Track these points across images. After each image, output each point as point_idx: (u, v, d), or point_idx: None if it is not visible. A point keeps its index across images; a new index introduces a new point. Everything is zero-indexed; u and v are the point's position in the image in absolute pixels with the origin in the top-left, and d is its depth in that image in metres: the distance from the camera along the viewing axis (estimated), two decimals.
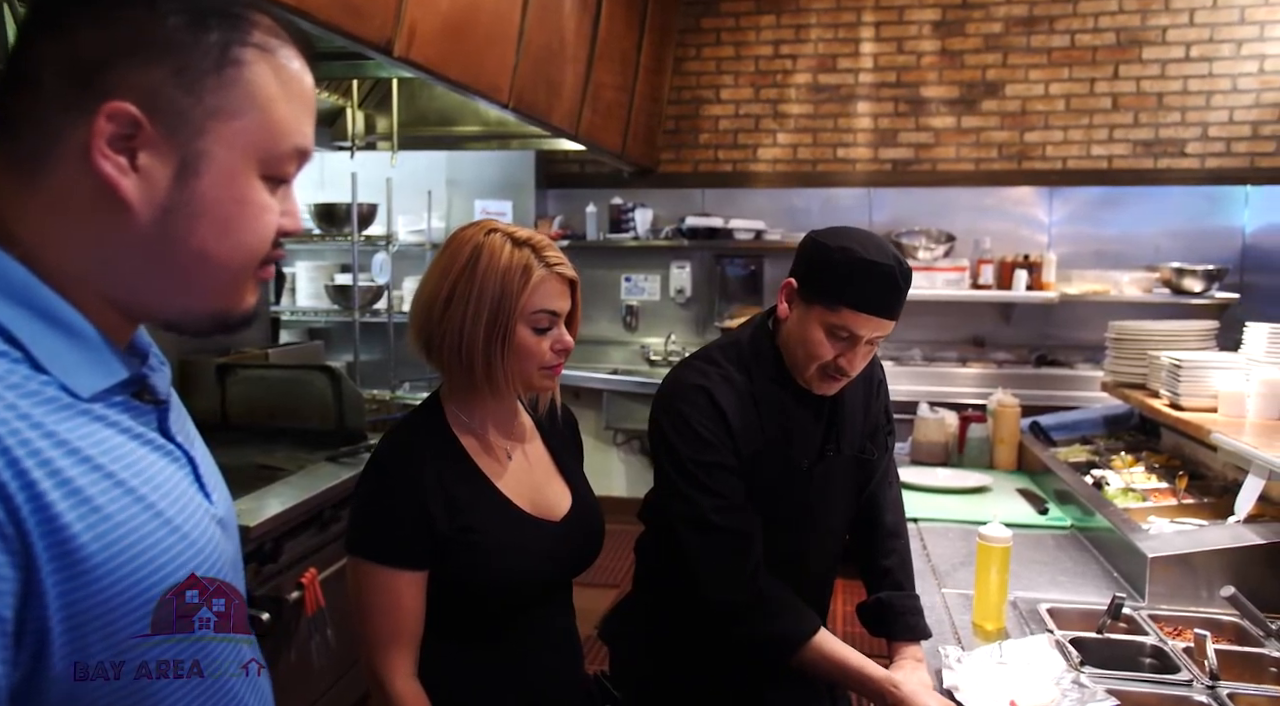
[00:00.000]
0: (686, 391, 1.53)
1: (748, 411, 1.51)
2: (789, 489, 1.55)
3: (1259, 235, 4.72)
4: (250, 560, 2.21)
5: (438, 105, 4.41)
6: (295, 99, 0.74)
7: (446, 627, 1.30)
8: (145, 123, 0.67)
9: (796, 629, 1.48)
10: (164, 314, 0.74)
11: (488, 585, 1.29)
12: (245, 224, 0.72)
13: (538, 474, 1.41)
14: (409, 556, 1.26)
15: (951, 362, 4.77)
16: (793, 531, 1.56)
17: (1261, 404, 2.29)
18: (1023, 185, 4.92)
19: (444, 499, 1.27)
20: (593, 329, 5.26)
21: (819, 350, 1.47)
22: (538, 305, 1.29)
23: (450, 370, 1.32)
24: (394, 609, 1.26)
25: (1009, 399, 3.03)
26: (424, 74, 2.42)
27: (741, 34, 5.14)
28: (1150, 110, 4.77)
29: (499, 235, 1.30)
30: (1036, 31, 4.84)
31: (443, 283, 1.30)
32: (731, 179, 5.18)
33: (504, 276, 1.27)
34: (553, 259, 1.31)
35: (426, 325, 1.31)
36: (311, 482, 2.52)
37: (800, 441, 1.55)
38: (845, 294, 1.44)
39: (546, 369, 1.33)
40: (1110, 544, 2.18)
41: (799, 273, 1.52)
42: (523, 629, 1.35)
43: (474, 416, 1.36)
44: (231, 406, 3.16)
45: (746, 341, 1.58)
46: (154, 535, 0.69)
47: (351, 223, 4.10)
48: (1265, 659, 1.64)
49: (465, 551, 1.28)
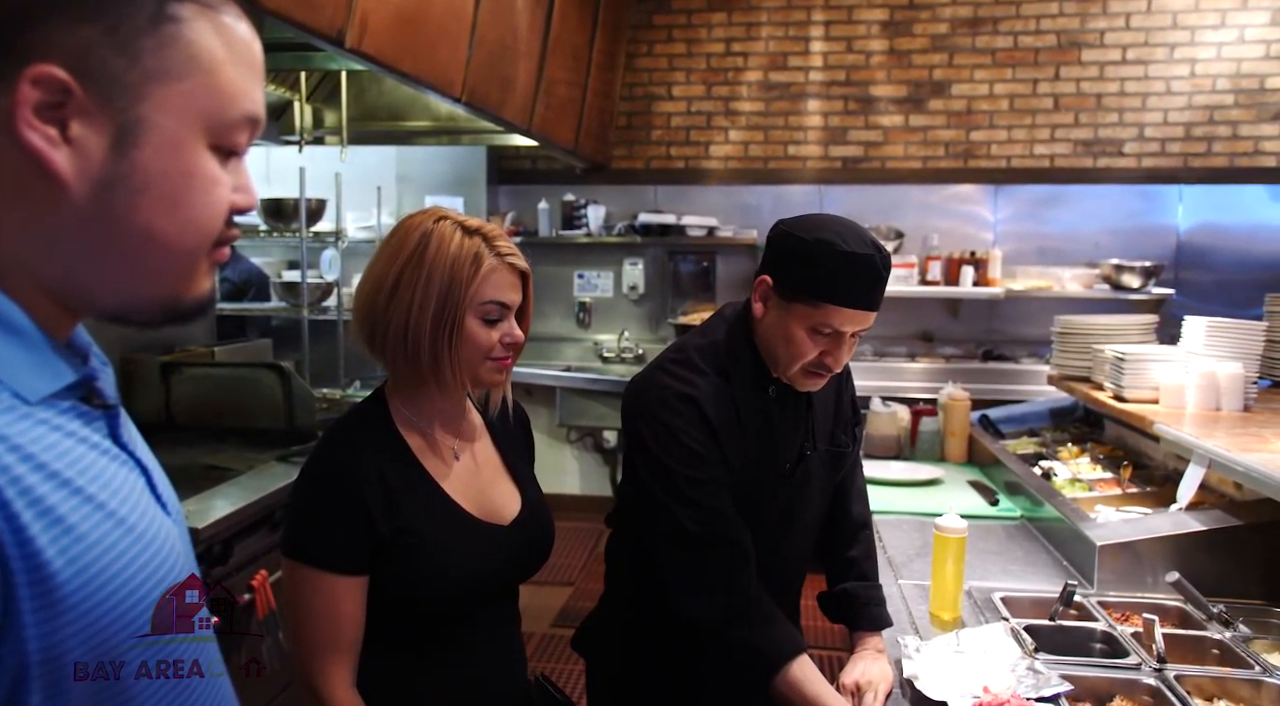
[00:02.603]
0: (672, 400, 1.43)
1: (730, 420, 1.45)
2: (772, 493, 1.52)
3: (1192, 233, 4.89)
4: (199, 562, 2.12)
5: (387, 100, 4.34)
6: (243, 63, 0.67)
7: (386, 635, 1.25)
8: (75, 88, 0.60)
9: (783, 646, 1.40)
10: (108, 303, 0.67)
11: (429, 591, 1.24)
12: (194, 198, 0.65)
13: (485, 475, 1.35)
14: (348, 560, 1.20)
15: (901, 358, 4.84)
16: (768, 533, 1.53)
17: (1200, 395, 2.37)
18: (969, 183, 5.02)
19: (385, 499, 1.21)
20: (546, 326, 5.23)
21: (802, 349, 1.40)
22: (487, 295, 1.24)
23: (395, 362, 1.26)
24: (332, 616, 1.20)
25: (959, 392, 3.09)
26: (376, 66, 2.38)
27: (693, 31, 5.15)
28: (1090, 111, 4.90)
29: (449, 223, 1.25)
30: (981, 32, 4.94)
31: (388, 270, 1.24)
32: (684, 176, 5.20)
33: (453, 265, 1.22)
34: (504, 249, 1.26)
35: (371, 314, 1.26)
36: (261, 483, 2.46)
37: (783, 445, 1.52)
38: (828, 291, 1.37)
39: (495, 362, 1.27)
40: (1060, 533, 2.23)
41: (774, 269, 1.43)
42: (465, 636, 1.30)
43: (420, 413, 1.30)
44: (176, 406, 3.07)
45: (723, 342, 1.50)
46: (129, 553, 0.63)
47: (300, 218, 4.02)
48: (1207, 641, 1.69)
49: (406, 555, 1.22)
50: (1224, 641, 1.67)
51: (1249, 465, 1.78)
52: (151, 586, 0.65)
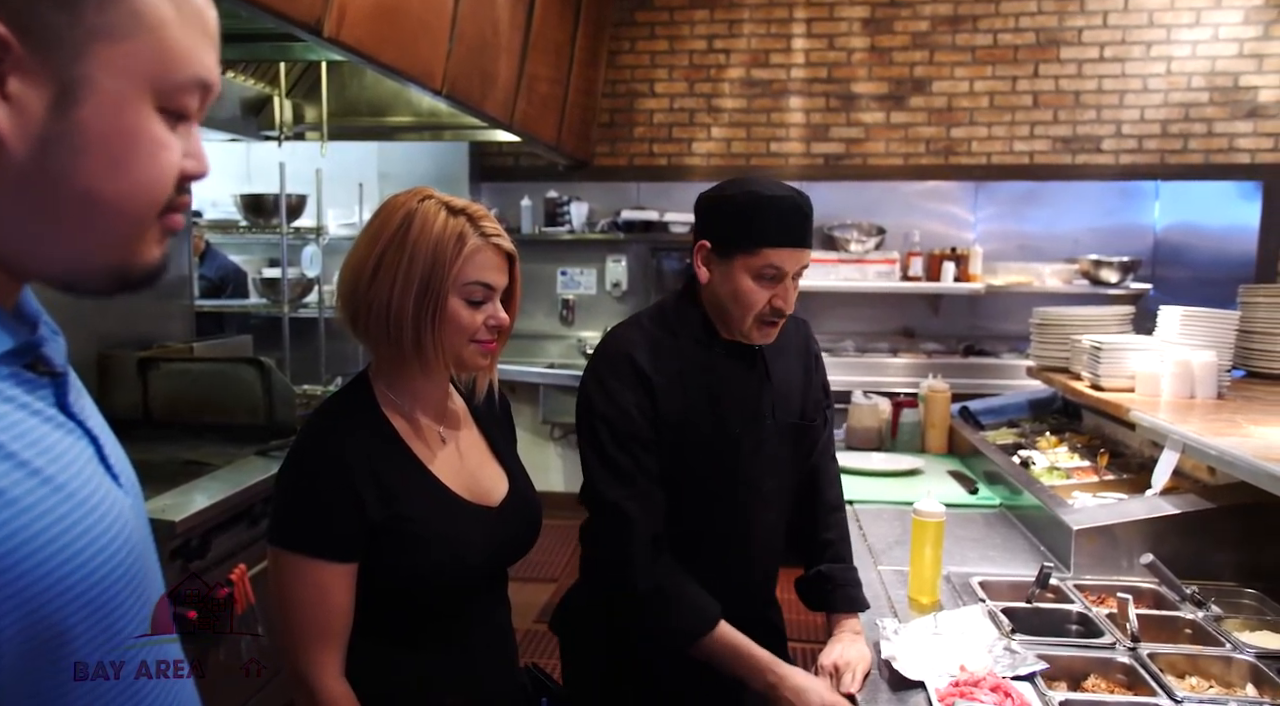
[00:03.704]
0: (610, 357, 1.53)
1: (673, 373, 1.51)
2: (719, 456, 1.53)
3: (1169, 230, 4.94)
4: (176, 556, 2.14)
5: (369, 95, 4.32)
6: (192, 25, 0.66)
7: (377, 623, 1.23)
8: (14, 43, 0.59)
9: (695, 623, 1.46)
10: (54, 269, 0.65)
11: (423, 576, 1.23)
12: (138, 161, 0.63)
13: (472, 458, 1.35)
14: (339, 547, 1.19)
15: (883, 353, 4.87)
16: (730, 505, 1.55)
17: (1175, 383, 2.40)
18: (950, 180, 5.05)
19: (376, 484, 1.20)
20: (529, 323, 5.23)
21: (752, 298, 1.47)
22: (471, 276, 1.23)
23: (378, 344, 1.25)
24: (322, 604, 1.18)
25: (940, 384, 3.11)
26: (355, 57, 2.37)
27: (675, 28, 5.16)
28: (1068, 108, 4.94)
29: (433, 202, 1.25)
30: (961, 30, 4.98)
31: (371, 250, 1.23)
32: (666, 172, 5.20)
33: (436, 245, 1.21)
34: (489, 229, 1.25)
35: (354, 295, 1.24)
36: (240, 477, 2.45)
37: (731, 405, 1.54)
38: (761, 233, 1.45)
39: (479, 344, 1.26)
40: (1037, 520, 2.25)
41: (709, 232, 1.51)
42: (458, 623, 1.29)
43: (404, 396, 1.29)
44: (155, 402, 3.05)
45: (671, 304, 1.59)
46: (69, 520, 0.61)
47: (280, 214, 4.01)
48: (1180, 621, 1.71)
49: (399, 540, 1.20)
50: (1196, 621, 1.69)
51: (1222, 449, 1.80)
52: (95, 554, 0.63)
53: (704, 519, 1.54)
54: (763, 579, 1.61)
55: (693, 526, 1.53)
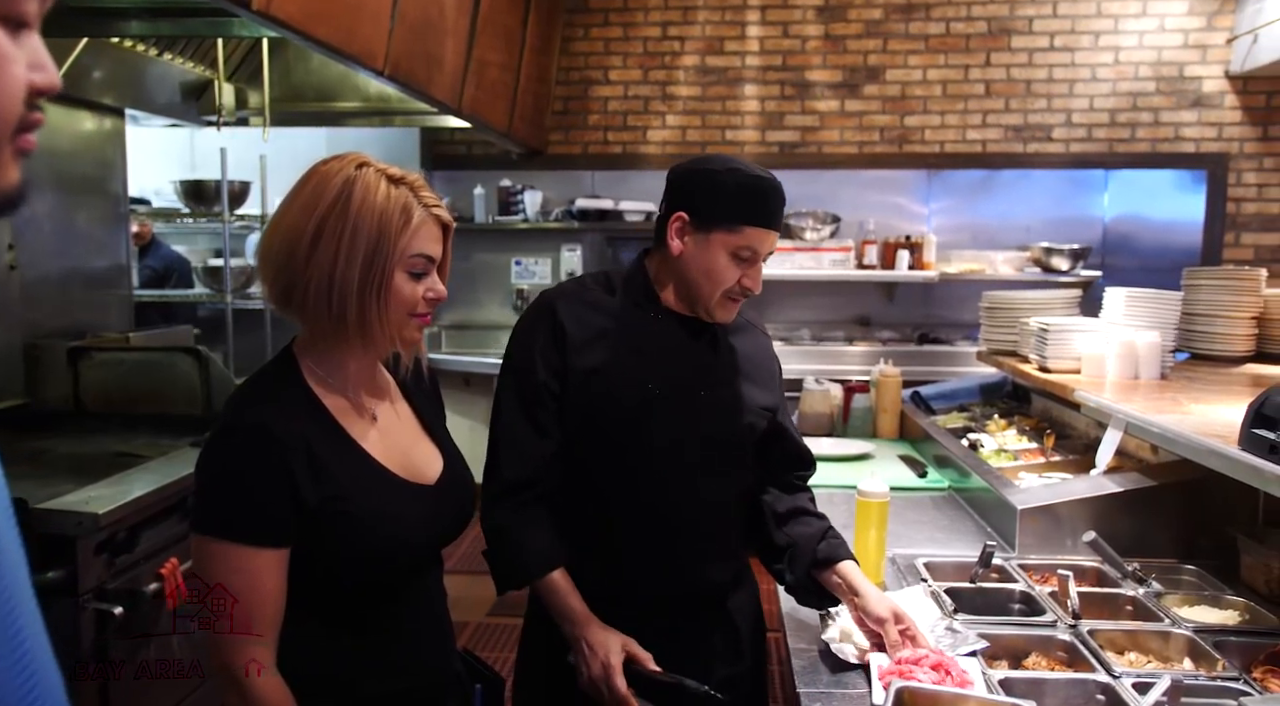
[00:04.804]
0: (535, 303, 1.57)
1: (595, 328, 1.51)
2: (632, 411, 1.49)
3: (1118, 218, 5.01)
4: (102, 551, 2.05)
5: (315, 79, 4.22)
6: None
7: (313, 610, 1.18)
8: None
9: (521, 566, 1.49)
10: None
11: (361, 559, 1.18)
12: None
13: (405, 435, 1.30)
14: (271, 532, 1.13)
15: (839, 342, 4.88)
16: (645, 466, 1.50)
17: (1120, 364, 2.41)
18: (904, 168, 5.06)
19: (310, 465, 1.14)
20: (482, 313, 5.16)
21: (725, 275, 1.46)
22: (416, 249, 1.18)
23: (316, 318, 1.18)
24: (252, 593, 1.12)
25: (891, 370, 3.11)
26: (288, 32, 2.29)
27: (629, 15, 5.11)
28: (1020, 97, 4.98)
29: (372, 171, 1.19)
30: (914, 19, 4.99)
31: (306, 219, 1.16)
32: (621, 161, 5.16)
33: (381, 216, 1.16)
34: (430, 200, 1.21)
35: (288, 267, 1.17)
36: (173, 468, 2.36)
37: (655, 368, 1.50)
38: (747, 213, 1.45)
39: (418, 317, 1.22)
40: (984, 501, 2.25)
41: (687, 203, 1.48)
42: (393, 607, 1.25)
43: (334, 372, 1.23)
44: (86, 393, 2.95)
45: (621, 270, 1.60)
46: None
47: (222, 201, 3.90)
48: (1121, 598, 1.71)
49: (336, 522, 1.16)
50: (1137, 597, 1.69)
51: (1163, 426, 1.80)
52: None
53: (621, 483, 1.50)
54: (692, 558, 1.53)
55: (610, 491, 1.51)
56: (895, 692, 1.27)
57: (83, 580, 2.00)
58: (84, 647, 2.01)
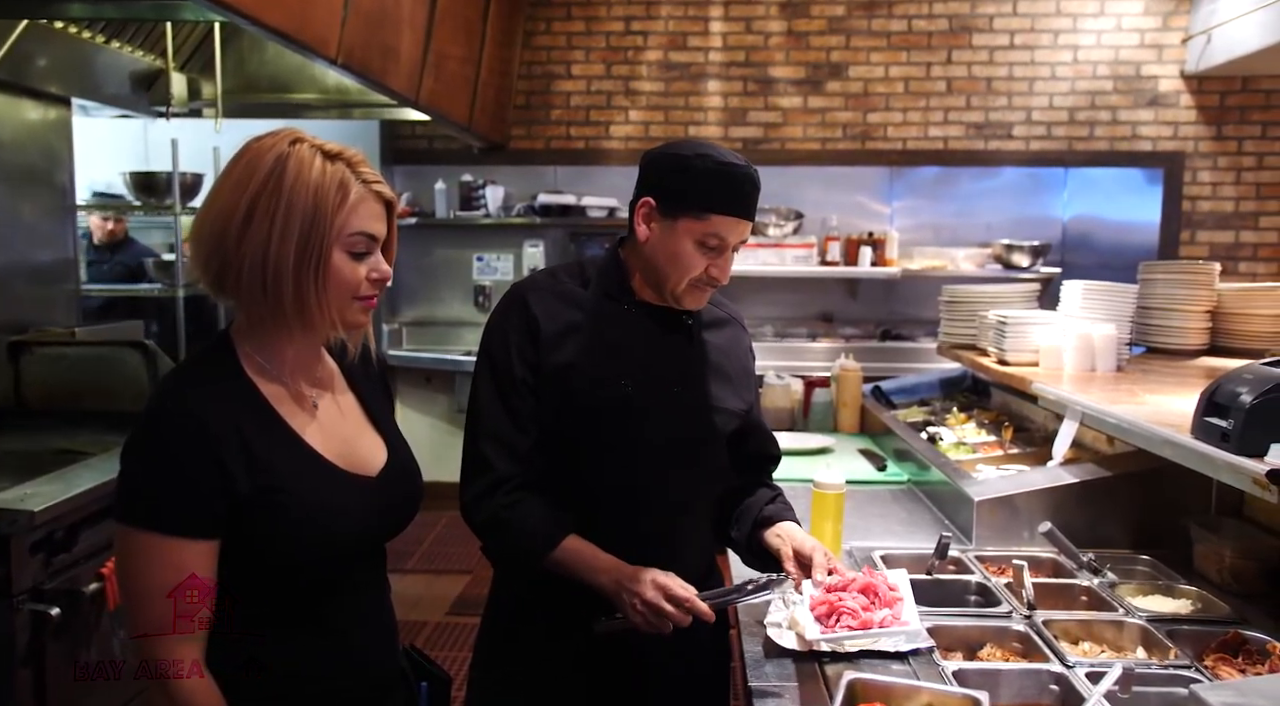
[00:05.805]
0: (507, 296, 1.52)
1: (567, 322, 1.47)
2: (605, 408, 1.46)
3: (1077, 216, 5.06)
4: (38, 550, 1.98)
5: (270, 70, 4.14)
6: None
7: (242, 605, 1.14)
8: None
9: (532, 544, 1.43)
10: None
11: (297, 553, 1.14)
12: None
13: (348, 425, 1.25)
14: (200, 523, 1.08)
15: (802, 338, 4.89)
16: (618, 459, 1.47)
17: (1076, 357, 2.42)
18: (866, 165, 5.07)
19: (244, 454, 1.10)
20: (444, 310, 5.10)
21: (691, 262, 1.42)
22: (355, 227, 1.14)
23: (251, 301, 1.14)
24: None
25: (851, 364, 3.11)
26: (237, 17, 2.23)
27: (592, 9, 5.08)
28: (981, 94, 5.02)
29: (306, 146, 1.13)
30: (876, 15, 5.00)
31: (238, 198, 1.11)
32: (584, 156, 5.12)
33: (316, 192, 1.11)
34: (369, 176, 1.16)
35: (220, 248, 1.12)
36: (116, 466, 2.26)
37: (629, 363, 1.47)
38: (714, 201, 1.40)
39: (362, 300, 1.18)
40: (943, 494, 2.24)
41: (655, 189, 1.45)
42: (333, 602, 1.20)
43: (272, 358, 1.18)
44: (28, 389, 2.86)
45: (595, 261, 1.56)
46: None
47: (173, 194, 3.81)
48: (1076, 588, 1.71)
49: (270, 515, 1.11)
50: (1092, 587, 1.70)
51: (1119, 416, 1.80)
52: None
53: (593, 477, 1.47)
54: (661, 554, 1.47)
55: (583, 483, 1.47)
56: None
57: (17, 580, 1.93)
58: (18, 650, 1.93)
